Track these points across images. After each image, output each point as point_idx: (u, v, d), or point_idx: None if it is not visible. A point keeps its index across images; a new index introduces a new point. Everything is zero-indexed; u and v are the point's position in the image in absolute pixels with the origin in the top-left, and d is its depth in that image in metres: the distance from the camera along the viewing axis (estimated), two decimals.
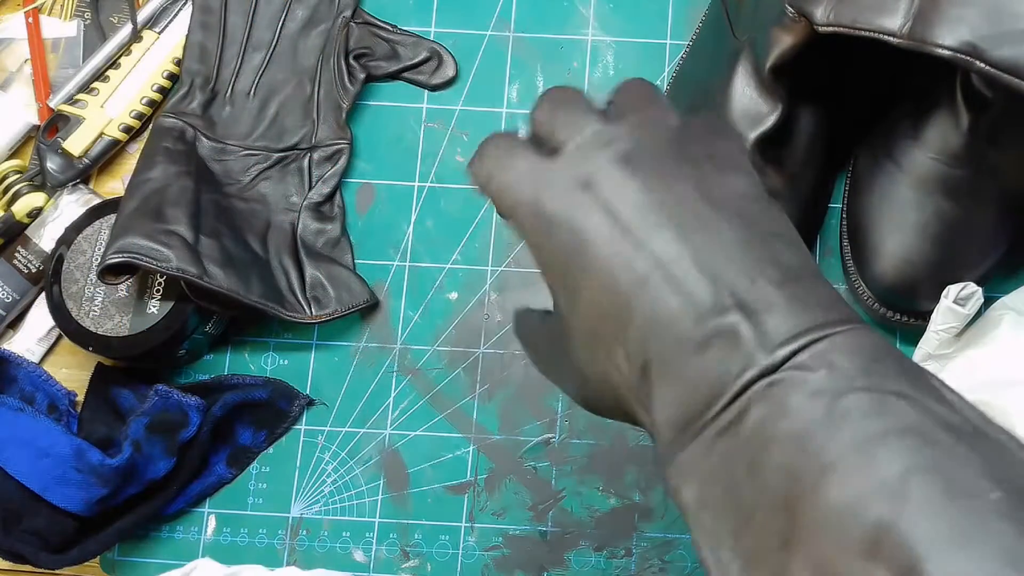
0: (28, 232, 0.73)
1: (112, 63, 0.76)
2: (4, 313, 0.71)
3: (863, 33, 0.55)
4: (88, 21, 0.78)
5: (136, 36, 0.76)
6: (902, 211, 0.64)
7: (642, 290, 0.35)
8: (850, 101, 0.68)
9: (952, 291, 0.61)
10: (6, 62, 0.78)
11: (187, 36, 0.75)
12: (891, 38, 0.54)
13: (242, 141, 0.73)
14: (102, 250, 0.68)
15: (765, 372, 0.32)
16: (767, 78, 0.62)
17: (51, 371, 0.69)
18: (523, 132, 0.38)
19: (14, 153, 0.76)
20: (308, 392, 0.70)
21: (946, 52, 0.52)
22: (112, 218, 0.69)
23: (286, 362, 0.71)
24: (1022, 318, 0.62)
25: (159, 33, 0.76)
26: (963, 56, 0.52)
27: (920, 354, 0.63)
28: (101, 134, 0.74)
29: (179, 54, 0.75)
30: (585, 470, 0.69)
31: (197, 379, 0.71)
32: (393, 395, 0.70)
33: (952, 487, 0.29)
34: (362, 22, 0.76)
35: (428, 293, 0.72)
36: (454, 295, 0.72)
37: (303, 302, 0.69)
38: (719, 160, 0.38)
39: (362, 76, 0.74)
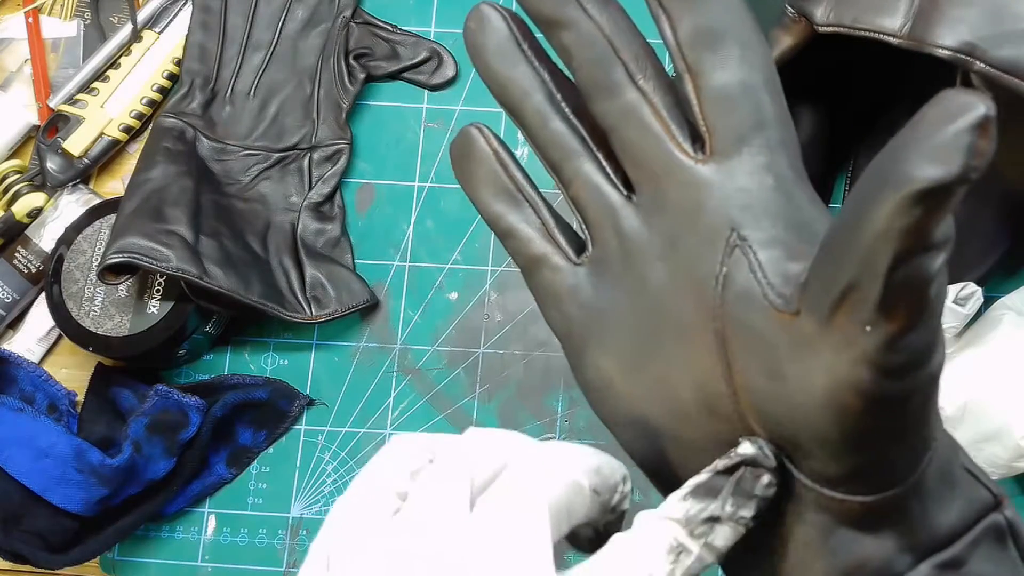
0: (28, 232, 0.73)
1: (112, 63, 0.76)
2: (4, 313, 0.71)
3: (863, 33, 0.55)
4: (88, 21, 0.78)
5: (136, 36, 0.76)
6: None
7: None
8: (850, 101, 0.68)
9: (952, 291, 0.61)
10: (6, 62, 0.78)
11: (187, 36, 0.75)
12: (891, 38, 0.54)
13: (242, 141, 0.73)
14: (102, 250, 0.68)
15: None
16: None
17: (51, 371, 0.69)
18: None
19: (14, 153, 0.76)
20: (308, 392, 0.70)
21: (946, 52, 0.52)
22: (112, 218, 0.69)
23: (286, 362, 0.71)
24: (1022, 318, 0.62)
25: (159, 33, 0.76)
26: (963, 56, 0.52)
27: None
28: (101, 134, 0.74)
29: (179, 54, 0.75)
30: None
31: (197, 379, 0.71)
32: (393, 395, 0.70)
33: None
34: (362, 22, 0.76)
35: (428, 293, 0.72)
36: (454, 295, 0.72)
37: (303, 302, 0.69)
38: None
39: (362, 76, 0.74)
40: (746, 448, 0.27)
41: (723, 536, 0.27)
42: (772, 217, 0.28)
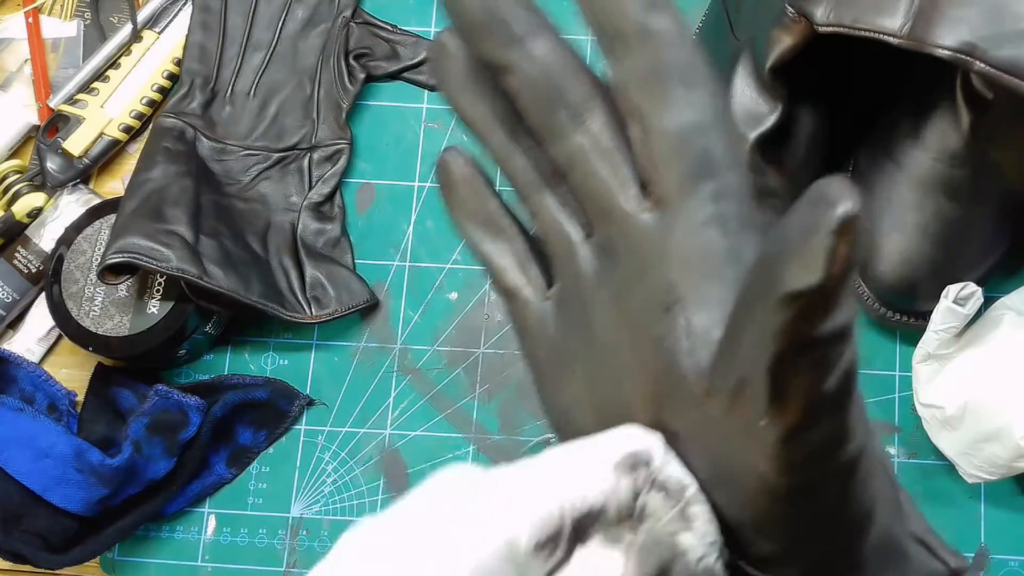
0: (28, 232, 0.73)
1: (112, 63, 0.76)
2: (4, 313, 0.71)
3: (863, 33, 0.55)
4: (88, 21, 0.78)
5: (136, 36, 0.76)
6: (902, 211, 0.64)
7: None
8: (850, 101, 0.68)
9: (952, 291, 0.61)
10: (6, 62, 0.78)
11: (187, 36, 0.75)
12: (891, 38, 0.54)
13: (242, 141, 0.73)
14: (102, 250, 0.68)
15: None
16: (767, 78, 0.62)
17: (51, 371, 0.69)
18: None
19: (14, 153, 0.76)
20: (308, 392, 0.70)
21: (946, 52, 0.52)
22: (112, 218, 0.69)
23: (286, 362, 0.71)
24: (1022, 318, 0.62)
25: (159, 33, 0.76)
26: (963, 56, 0.52)
27: (920, 354, 0.63)
28: (101, 134, 0.74)
29: (179, 54, 0.75)
30: None
31: (197, 379, 0.71)
32: (393, 395, 0.70)
33: None
34: (362, 22, 0.76)
35: (428, 293, 0.72)
36: (454, 295, 0.72)
37: (303, 302, 0.69)
38: None
39: (362, 76, 0.74)
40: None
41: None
42: (711, 276, 0.26)
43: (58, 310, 0.68)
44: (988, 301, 0.64)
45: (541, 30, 0.27)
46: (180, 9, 0.76)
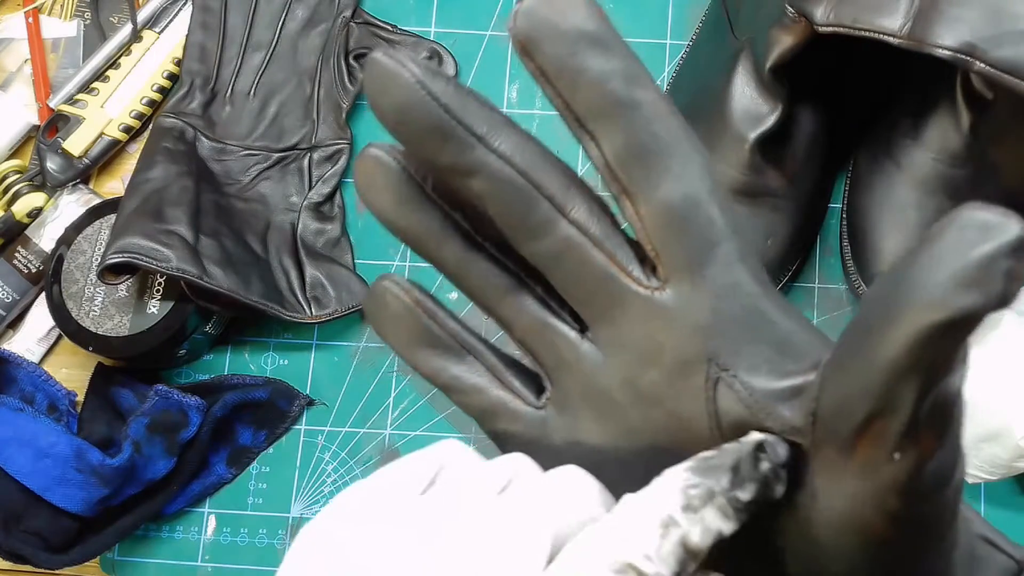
0: (28, 232, 0.73)
1: (112, 63, 0.76)
2: (4, 313, 0.71)
3: (863, 33, 0.55)
4: (88, 21, 0.78)
5: (136, 36, 0.76)
6: (902, 211, 0.64)
7: None
8: (850, 101, 0.68)
9: None
10: (6, 62, 0.78)
11: (187, 36, 0.75)
12: (891, 38, 0.54)
13: (242, 141, 0.73)
14: (102, 250, 0.68)
15: None
16: (767, 78, 0.62)
17: (51, 371, 0.69)
18: None
19: (14, 153, 0.76)
20: (308, 392, 0.70)
21: (946, 52, 0.52)
22: (112, 218, 0.69)
23: (286, 362, 0.71)
24: (1022, 318, 0.62)
25: (159, 33, 0.76)
26: (963, 56, 0.52)
27: None
28: (101, 134, 0.74)
29: (179, 54, 0.75)
30: None
31: (197, 379, 0.71)
32: (393, 395, 0.70)
33: None
34: (362, 22, 0.76)
35: None
36: (454, 295, 0.71)
37: (303, 302, 0.69)
38: None
39: (362, 76, 0.74)
40: (753, 436, 0.25)
41: (713, 516, 0.24)
42: (751, 340, 0.26)
43: (58, 310, 0.68)
44: None
45: (502, 125, 0.26)
46: (180, 9, 0.76)
